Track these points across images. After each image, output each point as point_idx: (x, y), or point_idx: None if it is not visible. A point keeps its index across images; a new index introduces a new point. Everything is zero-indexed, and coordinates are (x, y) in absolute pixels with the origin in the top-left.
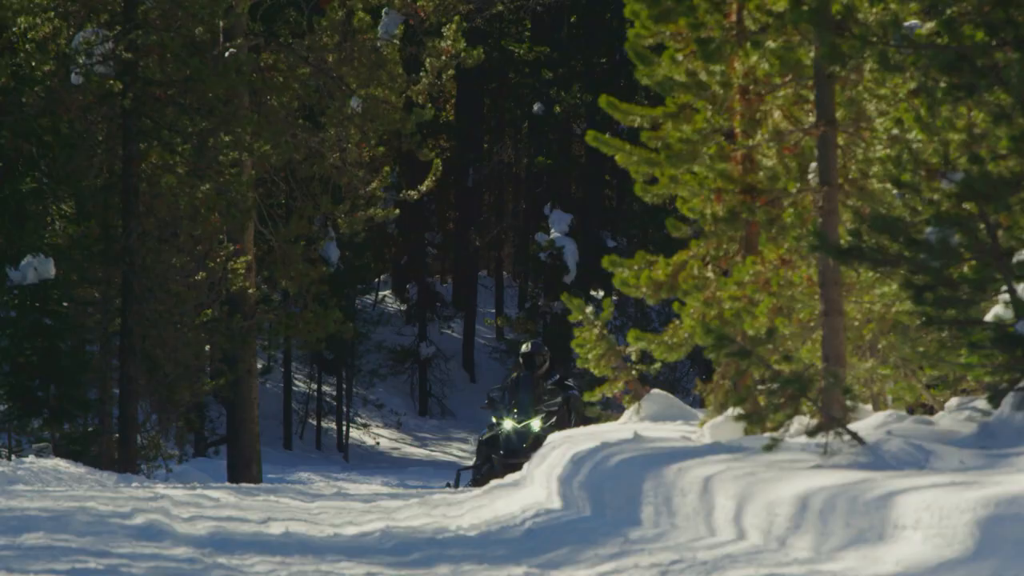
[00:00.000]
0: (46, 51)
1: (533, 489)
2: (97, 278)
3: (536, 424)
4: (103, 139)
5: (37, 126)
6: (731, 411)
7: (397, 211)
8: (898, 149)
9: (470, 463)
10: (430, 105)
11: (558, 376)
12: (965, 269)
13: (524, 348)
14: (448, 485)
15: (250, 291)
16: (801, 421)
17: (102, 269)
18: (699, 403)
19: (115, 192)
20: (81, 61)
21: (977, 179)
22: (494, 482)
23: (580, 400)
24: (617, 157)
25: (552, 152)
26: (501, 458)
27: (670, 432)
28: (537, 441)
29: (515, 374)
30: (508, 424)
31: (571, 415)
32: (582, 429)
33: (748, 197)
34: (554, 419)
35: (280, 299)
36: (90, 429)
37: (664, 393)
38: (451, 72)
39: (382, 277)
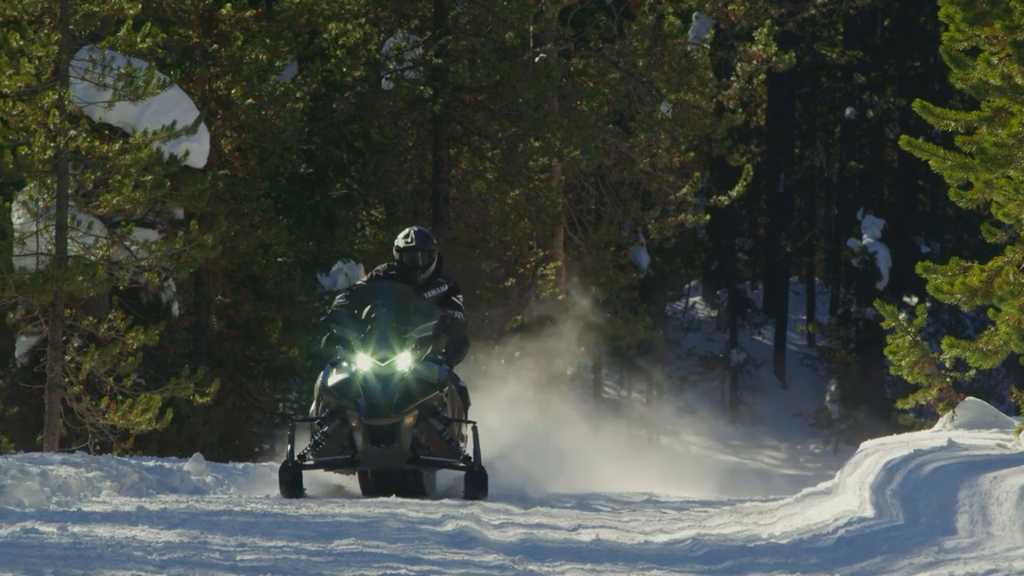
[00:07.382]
0: (357, 57)
1: (845, 497)
2: None
3: (405, 361)
4: (413, 145)
5: (348, 132)
6: None
7: (707, 216)
8: None
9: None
10: (741, 110)
11: (447, 287)
12: None
13: (404, 240)
14: (291, 461)
15: (560, 297)
16: None
17: None
18: (1014, 411)
19: (425, 198)
20: (392, 67)
21: None
22: (806, 490)
23: (463, 324)
24: (931, 162)
25: (864, 157)
26: (363, 420)
27: (985, 440)
28: (407, 393)
29: (370, 275)
30: (365, 363)
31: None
32: (895, 437)
33: None
34: (429, 350)
35: (590, 305)
36: None
37: (979, 400)
38: (762, 76)
39: (692, 283)
